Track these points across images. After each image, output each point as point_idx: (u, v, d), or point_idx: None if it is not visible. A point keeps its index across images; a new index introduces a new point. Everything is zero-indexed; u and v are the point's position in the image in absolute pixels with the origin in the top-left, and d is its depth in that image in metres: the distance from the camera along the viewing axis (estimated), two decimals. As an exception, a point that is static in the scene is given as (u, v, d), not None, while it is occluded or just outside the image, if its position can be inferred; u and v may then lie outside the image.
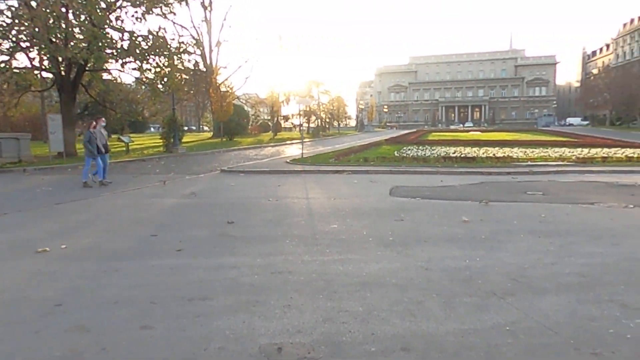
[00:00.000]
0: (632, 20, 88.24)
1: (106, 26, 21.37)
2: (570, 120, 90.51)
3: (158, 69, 23.40)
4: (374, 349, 3.32)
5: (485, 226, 7.31)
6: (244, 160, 21.09)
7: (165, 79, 23.60)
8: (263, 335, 3.54)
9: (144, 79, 25.32)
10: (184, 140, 30.85)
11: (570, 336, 3.46)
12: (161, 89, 25.28)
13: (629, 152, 19.90)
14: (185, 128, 58.33)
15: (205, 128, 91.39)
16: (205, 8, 45.82)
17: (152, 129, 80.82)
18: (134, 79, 28.78)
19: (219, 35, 48.71)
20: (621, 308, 3.99)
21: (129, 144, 26.76)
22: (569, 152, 20.62)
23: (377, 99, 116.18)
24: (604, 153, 19.43)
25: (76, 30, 21.37)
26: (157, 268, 5.30)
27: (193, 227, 7.54)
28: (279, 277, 4.91)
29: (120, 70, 24.50)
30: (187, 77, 37.59)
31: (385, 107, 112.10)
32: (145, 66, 22.99)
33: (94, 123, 13.12)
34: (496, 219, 7.85)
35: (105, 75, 27.40)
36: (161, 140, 27.79)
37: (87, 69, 23.36)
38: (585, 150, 21.13)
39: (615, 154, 19.14)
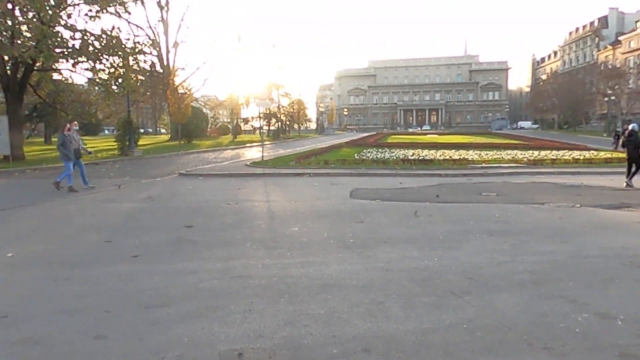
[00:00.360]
0: (577, 29, 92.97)
1: (56, 24, 20.48)
2: (521, 123, 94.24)
3: (112, 70, 22.65)
4: (336, 351, 3.32)
5: (443, 227, 7.48)
6: (203, 164, 20.73)
7: (120, 80, 22.86)
8: (223, 341, 3.48)
9: (97, 80, 24.48)
10: (140, 143, 29.99)
11: (524, 332, 3.59)
12: (115, 90, 24.48)
13: (575, 154, 20.95)
14: (142, 130, 56.73)
15: (163, 130, 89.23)
16: (161, 8, 44.81)
17: (106, 132, 78.32)
18: (86, 80, 27.80)
19: (177, 36, 47.42)
20: (570, 303, 4.17)
21: (81, 146, 25.72)
22: (521, 154, 21.46)
23: (337, 102, 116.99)
24: (552, 155, 20.36)
25: (24, 27, 20.39)
26: (112, 275, 5.11)
27: (150, 232, 7.33)
28: (239, 282, 4.85)
29: (71, 71, 23.58)
30: (143, 79, 36.69)
31: (345, 110, 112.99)
32: (98, 66, 22.21)
33: (68, 126, 12.56)
34: (453, 220, 8.06)
35: (55, 76, 26.28)
36: (116, 143, 26.89)
37: (35, 68, 22.33)
38: (536, 153, 22.05)
39: (563, 156, 20.10)
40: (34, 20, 19.79)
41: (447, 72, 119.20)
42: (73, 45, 21.06)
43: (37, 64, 21.87)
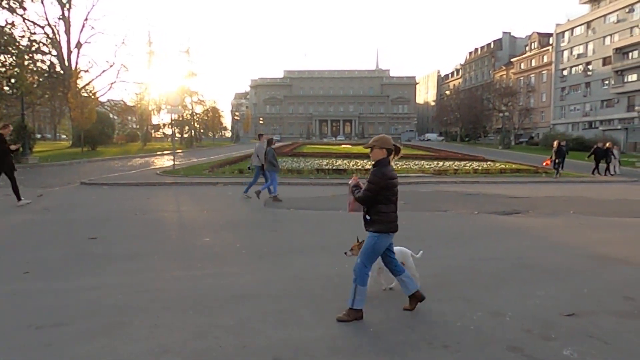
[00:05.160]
0: (476, 50, 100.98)
1: None
2: (428, 135, 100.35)
3: (3, 69, 20.70)
4: (246, 361, 3.29)
5: (354, 234, 7.71)
6: (108, 172, 19.51)
7: (13, 80, 20.95)
8: (126, 359, 3.30)
9: (-15, 79, 22.24)
10: (36, 149, 27.50)
11: (425, 332, 3.81)
12: (8, 91, 22.36)
13: (474, 165, 22.69)
14: (39, 136, 52.17)
15: (63, 136, 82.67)
16: (62, 5, 41.69)
17: (-5, 136, 71.08)
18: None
19: (80, 36, 44.31)
20: (466, 303, 4.50)
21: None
22: (427, 164, 22.79)
23: (252, 110, 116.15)
24: (455, 166, 21.87)
25: None
26: (-1, 294, 4.64)
27: (45, 246, 6.76)
28: (146, 296, 4.63)
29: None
30: (41, 80, 33.91)
31: (261, 119, 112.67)
32: (-14, 64, 20.21)
33: (273, 139, 12.13)
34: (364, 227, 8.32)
35: None
36: (7, 149, 24.44)
37: None
38: (440, 163, 23.55)
39: (464, 166, 21.66)
40: None
41: (360, 85, 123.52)
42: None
43: None
